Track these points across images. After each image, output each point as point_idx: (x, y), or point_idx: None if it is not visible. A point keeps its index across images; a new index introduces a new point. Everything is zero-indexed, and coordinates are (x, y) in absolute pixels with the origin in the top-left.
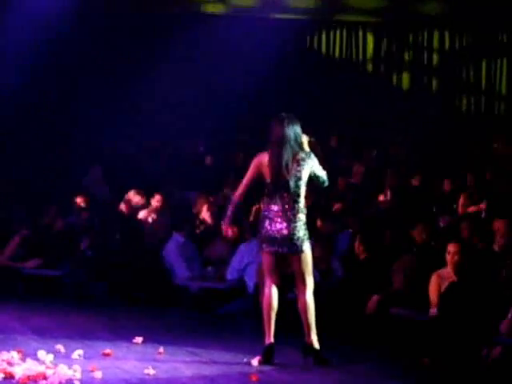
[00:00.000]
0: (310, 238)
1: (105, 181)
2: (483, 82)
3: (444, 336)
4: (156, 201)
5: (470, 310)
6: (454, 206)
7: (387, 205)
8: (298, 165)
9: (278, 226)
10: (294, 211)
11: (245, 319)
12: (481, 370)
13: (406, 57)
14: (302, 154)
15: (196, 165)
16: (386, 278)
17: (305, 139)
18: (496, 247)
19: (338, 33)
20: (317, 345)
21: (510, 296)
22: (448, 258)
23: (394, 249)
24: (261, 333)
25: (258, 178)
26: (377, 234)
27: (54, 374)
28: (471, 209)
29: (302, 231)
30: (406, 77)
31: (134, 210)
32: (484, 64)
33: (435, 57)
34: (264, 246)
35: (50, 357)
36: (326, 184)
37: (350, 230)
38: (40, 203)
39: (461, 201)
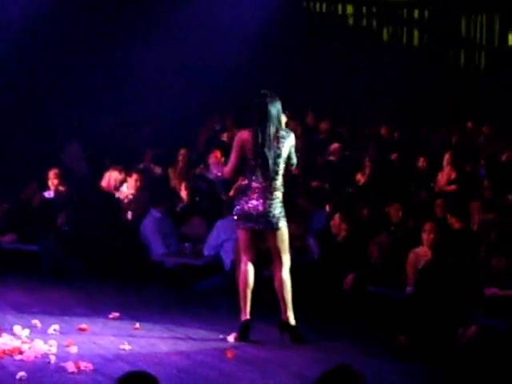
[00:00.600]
0: (286, 215)
1: (83, 157)
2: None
3: (420, 314)
4: (134, 180)
5: (445, 289)
6: (431, 183)
7: (365, 181)
8: (278, 142)
9: (255, 202)
10: (271, 188)
11: (221, 296)
12: (456, 348)
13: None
14: (283, 132)
15: (176, 141)
16: (362, 256)
17: (283, 119)
18: (473, 226)
19: None
20: (293, 321)
21: (486, 275)
22: (424, 236)
23: (371, 226)
24: (237, 309)
25: (243, 154)
26: (355, 211)
27: (29, 348)
28: (449, 187)
29: (278, 208)
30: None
31: (114, 186)
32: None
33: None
34: (240, 222)
35: (26, 332)
36: (295, 167)
37: (327, 209)
38: (21, 179)
39: (438, 178)
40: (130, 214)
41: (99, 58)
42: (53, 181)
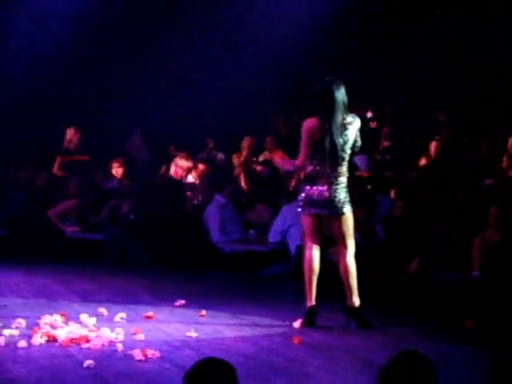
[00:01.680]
0: (352, 200)
1: (146, 145)
2: None
3: (487, 298)
4: (200, 170)
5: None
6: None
7: (429, 166)
8: (345, 129)
9: (320, 188)
10: (337, 174)
11: (287, 282)
12: None
13: None
14: (350, 118)
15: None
16: (427, 241)
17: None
18: None
19: None
20: (359, 307)
21: None
22: (490, 219)
23: (432, 210)
24: (303, 295)
25: (312, 142)
26: (416, 194)
27: (96, 336)
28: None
29: (343, 194)
30: None
31: (181, 174)
32: None
33: None
34: (305, 208)
35: (93, 320)
36: (358, 148)
37: (391, 195)
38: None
39: (504, 164)
40: (195, 202)
41: (156, 57)
42: (117, 170)
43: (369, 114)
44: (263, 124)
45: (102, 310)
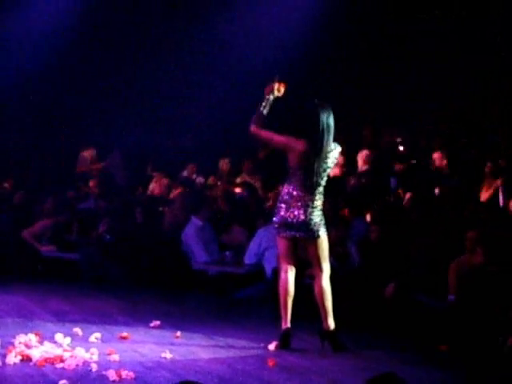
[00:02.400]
0: (327, 222)
1: (123, 166)
2: None
3: (462, 323)
4: (179, 192)
5: (487, 297)
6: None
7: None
8: (327, 156)
9: (296, 211)
10: (313, 197)
11: (262, 304)
12: (497, 357)
13: None
14: (332, 145)
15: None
16: (403, 265)
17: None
18: None
19: None
20: (334, 330)
21: None
22: (467, 244)
23: (409, 232)
24: (278, 318)
25: (279, 151)
26: (391, 217)
27: (71, 356)
28: (486, 194)
29: (318, 217)
30: None
31: (163, 192)
32: None
33: None
34: (281, 230)
35: (68, 340)
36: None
37: (367, 218)
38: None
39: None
40: (170, 223)
41: (138, 74)
42: (93, 190)
43: (398, 139)
44: (244, 146)
45: (77, 330)
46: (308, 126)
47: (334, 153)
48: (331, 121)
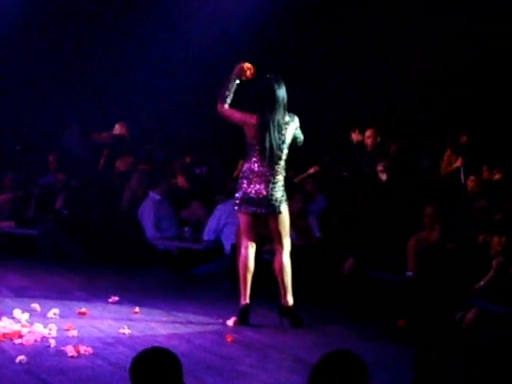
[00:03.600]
0: (288, 194)
1: (83, 140)
2: None
3: (420, 298)
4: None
5: (445, 273)
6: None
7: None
8: (283, 128)
9: (257, 186)
10: (274, 172)
11: (221, 280)
12: (455, 332)
13: None
14: (287, 117)
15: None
16: (361, 239)
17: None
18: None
19: None
20: (293, 306)
21: (486, 260)
22: (425, 219)
23: (367, 209)
24: (237, 294)
25: (236, 125)
26: (351, 196)
27: (29, 332)
28: (449, 168)
29: (280, 192)
30: None
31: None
32: None
33: None
34: (242, 206)
35: (26, 315)
36: (302, 143)
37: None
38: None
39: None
40: (128, 199)
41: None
42: (52, 165)
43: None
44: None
45: (35, 306)
46: (261, 100)
47: (291, 125)
48: (284, 93)
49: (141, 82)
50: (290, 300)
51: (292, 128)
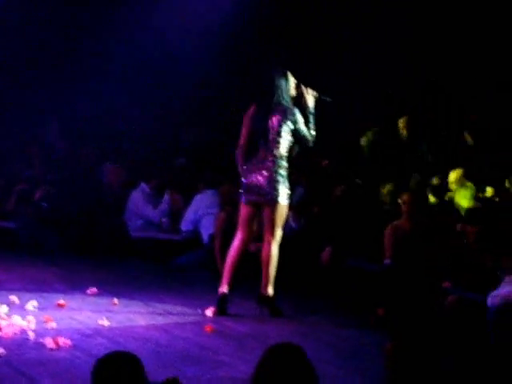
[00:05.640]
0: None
1: (62, 134)
2: None
3: (397, 286)
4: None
5: (423, 260)
6: None
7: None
8: (282, 117)
9: (258, 176)
10: (274, 160)
11: (199, 270)
12: (434, 319)
13: None
14: (286, 106)
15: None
16: (338, 230)
17: (292, 92)
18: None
19: None
20: (272, 296)
21: (463, 248)
22: (402, 208)
23: (344, 200)
24: (215, 284)
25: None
26: (328, 187)
27: (8, 325)
28: None
29: (280, 183)
30: None
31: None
32: None
33: None
34: (245, 195)
35: (4, 308)
36: (311, 142)
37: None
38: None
39: None
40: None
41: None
42: (32, 158)
43: None
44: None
45: (14, 298)
46: (259, 88)
47: (290, 115)
48: (285, 84)
49: (120, 76)
50: (271, 291)
51: (290, 118)
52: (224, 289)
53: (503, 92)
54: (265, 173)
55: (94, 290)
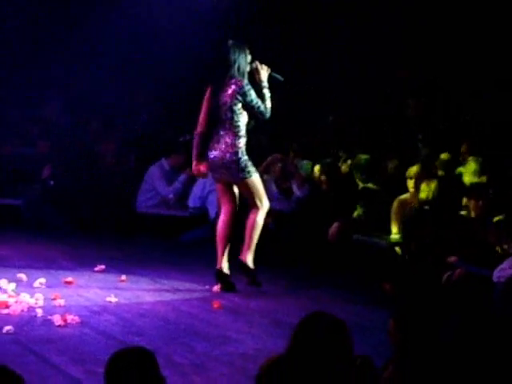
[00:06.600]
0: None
1: (65, 110)
2: None
3: (405, 261)
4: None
5: (429, 236)
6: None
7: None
8: (234, 92)
9: (216, 152)
10: (231, 136)
11: (207, 247)
12: (441, 293)
13: None
14: (239, 80)
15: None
16: (346, 205)
17: (263, 69)
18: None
19: None
20: (251, 265)
21: (471, 222)
22: (409, 182)
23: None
24: None
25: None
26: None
27: (16, 302)
28: None
29: (241, 158)
30: None
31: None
32: None
33: None
34: (211, 173)
35: (13, 285)
36: (266, 115)
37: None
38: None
39: None
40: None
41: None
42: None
43: None
44: None
45: (22, 276)
46: (216, 62)
47: (240, 91)
48: (234, 56)
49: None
50: (249, 259)
51: (242, 92)
52: (218, 265)
53: (503, 91)
54: (224, 149)
55: (101, 266)
